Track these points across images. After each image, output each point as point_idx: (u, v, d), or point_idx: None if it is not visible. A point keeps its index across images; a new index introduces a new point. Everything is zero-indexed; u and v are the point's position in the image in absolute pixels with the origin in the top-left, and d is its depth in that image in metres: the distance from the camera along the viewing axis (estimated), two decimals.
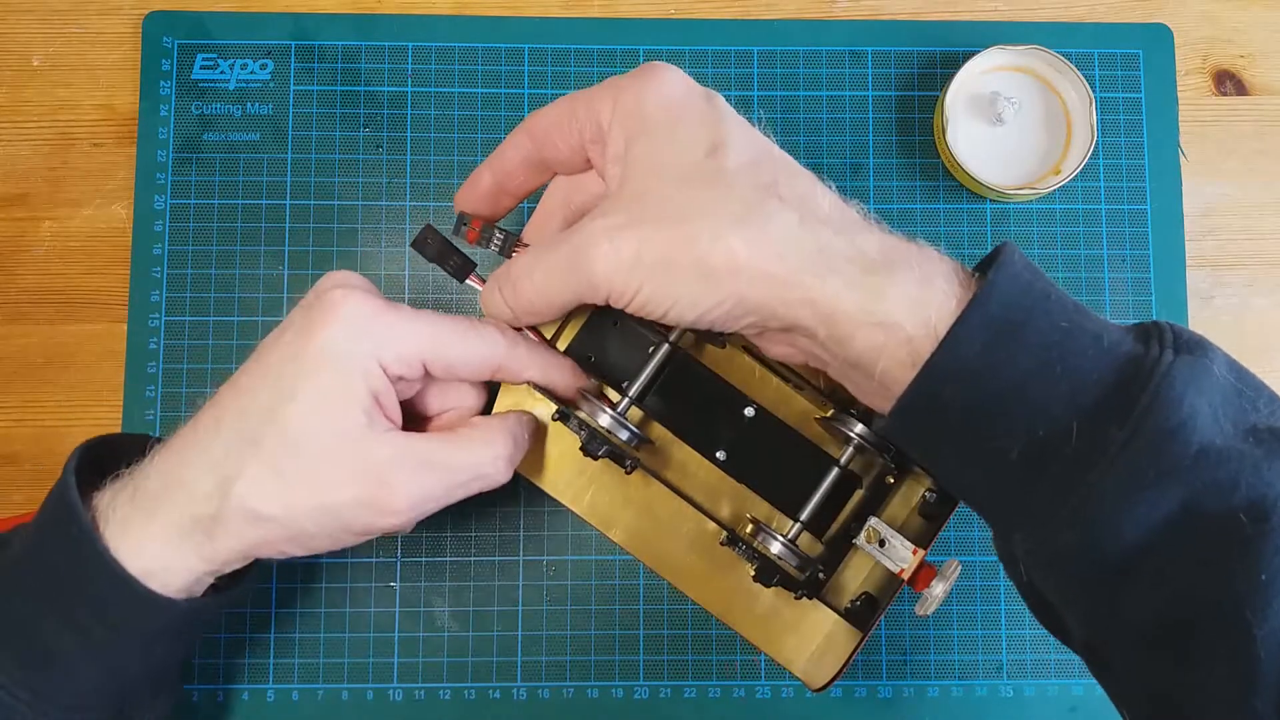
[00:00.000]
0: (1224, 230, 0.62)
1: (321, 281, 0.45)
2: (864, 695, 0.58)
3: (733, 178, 0.40)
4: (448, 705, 0.57)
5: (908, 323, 0.37)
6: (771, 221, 0.39)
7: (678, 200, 0.40)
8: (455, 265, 0.49)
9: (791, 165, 0.42)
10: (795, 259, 0.38)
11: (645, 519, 0.49)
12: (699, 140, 0.41)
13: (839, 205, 0.41)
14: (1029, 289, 0.37)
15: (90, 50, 0.62)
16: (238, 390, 0.43)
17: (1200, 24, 0.63)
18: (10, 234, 0.60)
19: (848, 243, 0.39)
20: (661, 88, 0.42)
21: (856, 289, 0.38)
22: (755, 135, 0.42)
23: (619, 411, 0.47)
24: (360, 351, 0.42)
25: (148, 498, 0.43)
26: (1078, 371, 0.36)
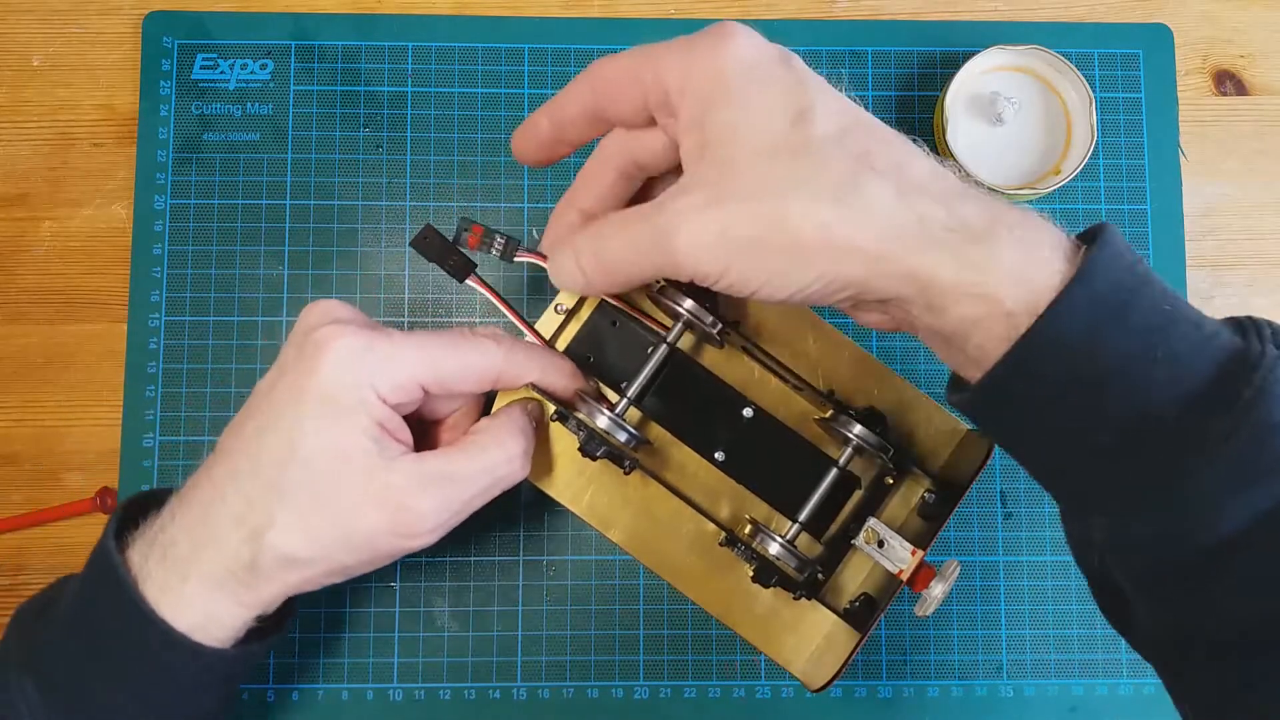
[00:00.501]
0: (1224, 230, 0.62)
1: (307, 315, 0.45)
2: (864, 695, 0.58)
3: (821, 148, 0.37)
4: (448, 705, 0.57)
5: (1008, 297, 0.36)
6: (866, 194, 0.37)
7: (764, 174, 0.38)
8: (455, 265, 0.49)
9: (883, 130, 0.39)
10: (893, 233, 0.36)
11: (644, 519, 0.49)
12: (783, 108, 0.38)
13: (936, 170, 0.39)
14: (1132, 270, 0.36)
15: (90, 50, 0.62)
16: (245, 439, 0.44)
17: (1200, 24, 0.63)
18: (10, 234, 0.60)
19: (948, 212, 0.37)
20: (737, 50, 0.40)
21: (957, 261, 0.36)
22: (841, 100, 0.40)
23: (617, 412, 0.47)
24: (357, 386, 0.43)
25: (180, 560, 0.43)
26: (1179, 358, 0.35)
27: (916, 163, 0.38)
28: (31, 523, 0.58)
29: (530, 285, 0.60)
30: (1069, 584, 0.59)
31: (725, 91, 0.39)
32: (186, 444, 0.58)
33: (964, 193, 0.38)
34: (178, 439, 0.58)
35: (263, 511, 0.42)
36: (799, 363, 0.50)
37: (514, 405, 0.48)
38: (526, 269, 0.60)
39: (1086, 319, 0.35)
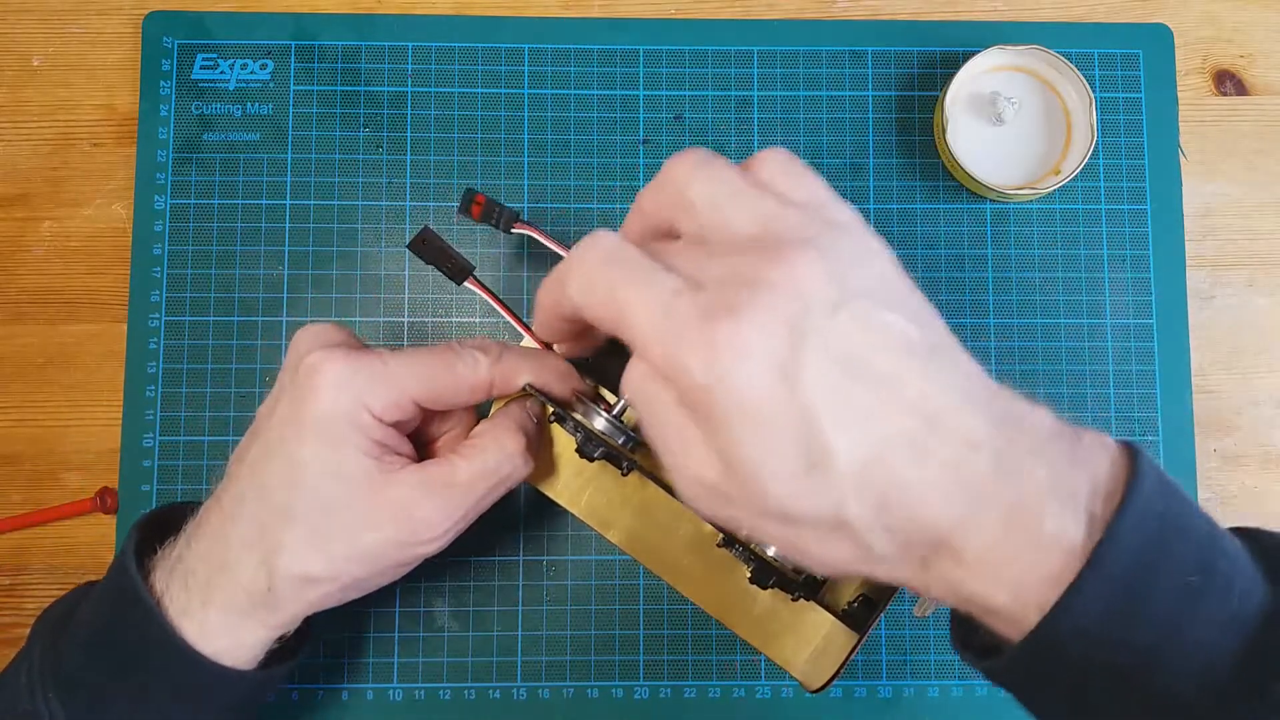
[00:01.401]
0: (1224, 230, 0.62)
1: (298, 340, 0.46)
2: (864, 695, 0.58)
3: (839, 498, 0.33)
4: (448, 705, 0.57)
5: (1017, 570, 0.33)
6: (874, 545, 0.34)
7: (769, 510, 0.34)
8: (453, 267, 0.49)
9: (906, 424, 0.33)
10: (890, 568, 0.35)
11: (642, 520, 0.49)
12: (793, 455, 0.33)
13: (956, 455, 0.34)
14: (1159, 530, 0.33)
15: (90, 50, 0.62)
16: (250, 466, 0.44)
17: (1200, 24, 0.63)
18: (10, 234, 0.60)
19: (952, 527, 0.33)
20: (740, 391, 0.33)
21: (949, 581, 0.34)
22: (854, 416, 0.33)
23: (615, 414, 0.47)
24: (351, 410, 0.43)
25: (200, 586, 0.44)
26: (1204, 643, 0.32)
27: (949, 444, 0.34)
28: (31, 523, 0.58)
29: (529, 286, 0.60)
30: None
31: (719, 423, 0.34)
32: (186, 444, 0.58)
33: (976, 477, 0.34)
34: (178, 439, 0.58)
35: (273, 536, 0.43)
36: None
37: (512, 405, 0.48)
38: (527, 269, 0.60)
39: (1100, 612, 0.32)
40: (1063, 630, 0.33)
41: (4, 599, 0.58)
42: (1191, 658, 0.32)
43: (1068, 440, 0.34)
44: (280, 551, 0.43)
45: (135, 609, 0.44)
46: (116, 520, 0.58)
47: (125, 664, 0.44)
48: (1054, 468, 0.33)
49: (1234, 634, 0.33)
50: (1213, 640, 0.32)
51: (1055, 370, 0.60)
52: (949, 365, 0.35)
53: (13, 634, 0.58)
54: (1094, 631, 0.32)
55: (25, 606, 0.58)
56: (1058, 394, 0.60)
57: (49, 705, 0.44)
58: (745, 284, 0.33)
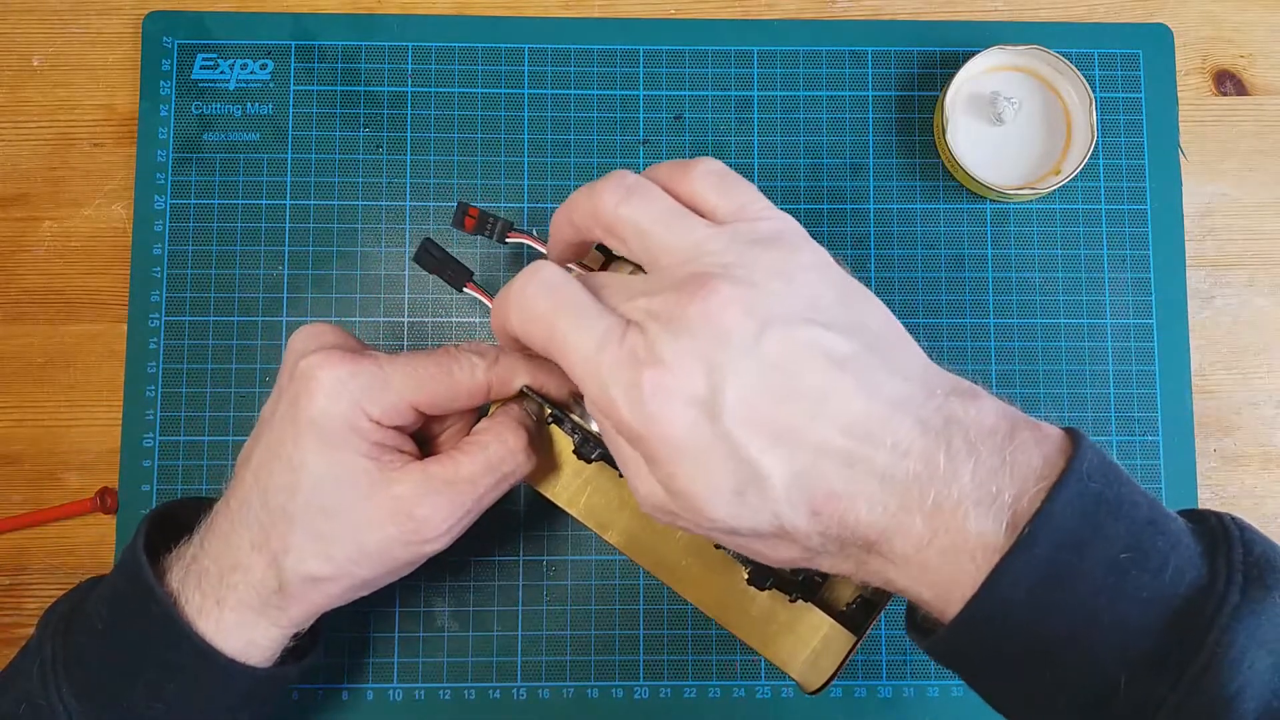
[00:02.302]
0: (1224, 230, 0.62)
1: (295, 341, 0.46)
2: (864, 695, 0.58)
3: (771, 519, 0.36)
4: (448, 705, 0.57)
5: (942, 571, 0.35)
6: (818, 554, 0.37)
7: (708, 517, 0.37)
8: (452, 275, 0.49)
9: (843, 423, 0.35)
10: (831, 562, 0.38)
11: (640, 521, 0.49)
12: (723, 485, 0.36)
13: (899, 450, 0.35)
14: (1093, 510, 0.34)
15: (90, 50, 0.62)
16: (253, 470, 0.45)
17: (1200, 24, 0.63)
18: (10, 234, 0.60)
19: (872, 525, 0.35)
20: (669, 429, 0.36)
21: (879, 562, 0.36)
22: (783, 450, 0.35)
23: None
24: (349, 414, 0.43)
25: (213, 585, 0.45)
26: (1129, 619, 0.33)
27: (878, 455, 0.35)
28: (31, 523, 0.58)
29: None
30: None
31: (651, 458, 0.37)
32: (186, 444, 0.58)
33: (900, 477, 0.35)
34: (178, 439, 0.58)
35: (278, 538, 0.44)
36: None
37: (511, 404, 0.48)
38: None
39: (1024, 591, 0.33)
40: (985, 614, 0.34)
41: (4, 599, 0.58)
42: (1116, 634, 0.33)
43: (1002, 436, 0.35)
44: (286, 553, 0.44)
45: (151, 607, 0.44)
46: (116, 520, 0.58)
47: (142, 660, 0.44)
48: (982, 468, 0.34)
49: (1160, 612, 0.33)
50: (1138, 616, 0.33)
51: (1055, 370, 0.60)
52: (881, 372, 0.36)
53: (13, 634, 0.58)
54: (1017, 612, 0.33)
55: (25, 606, 0.58)
56: (1058, 394, 0.60)
57: (63, 699, 0.44)
58: (666, 325, 0.36)
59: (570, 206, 0.42)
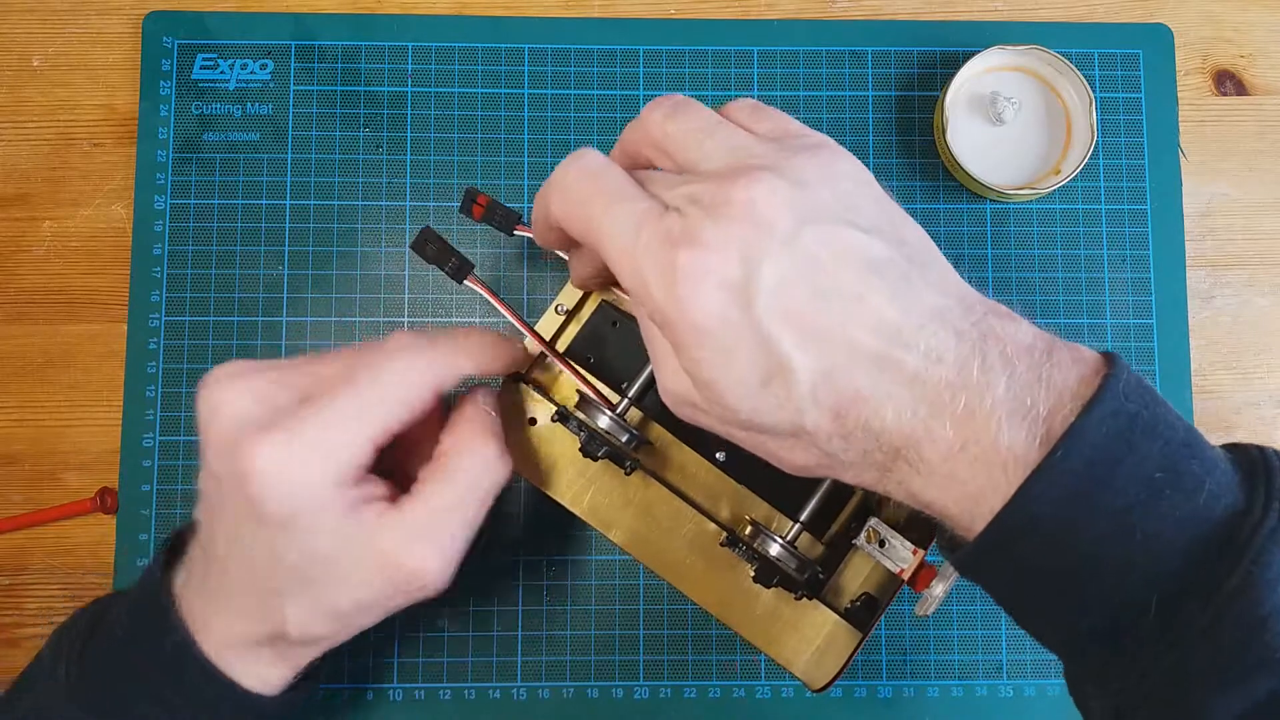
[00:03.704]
0: (1224, 230, 0.62)
1: (207, 416, 0.41)
2: (864, 695, 0.58)
3: (796, 410, 0.35)
4: (448, 705, 0.57)
5: (971, 483, 0.34)
6: (835, 452, 0.36)
7: (734, 410, 0.36)
8: (454, 267, 0.49)
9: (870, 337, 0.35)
10: (856, 469, 0.37)
11: (645, 520, 0.49)
12: (750, 375, 0.35)
13: (926, 357, 0.35)
14: (1128, 428, 0.33)
15: (90, 50, 0.62)
16: (227, 558, 0.42)
17: (1200, 24, 0.63)
18: (10, 234, 0.60)
19: (917, 424, 0.35)
20: (699, 310, 0.35)
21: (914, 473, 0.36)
22: (814, 334, 0.35)
23: (618, 413, 0.47)
24: (308, 497, 0.40)
25: (221, 622, 0.43)
26: (1161, 537, 0.32)
27: (909, 358, 0.35)
28: (31, 523, 0.58)
29: (529, 285, 0.60)
30: None
31: (681, 344, 0.36)
32: (186, 444, 0.58)
33: (940, 380, 0.35)
34: (178, 439, 0.58)
35: (275, 611, 0.42)
36: None
37: (466, 405, 0.46)
38: (527, 269, 0.60)
39: (1056, 503, 0.33)
40: (1016, 525, 0.33)
41: (4, 599, 0.58)
42: (1147, 552, 0.33)
43: (1040, 354, 0.35)
44: (286, 622, 0.42)
45: (163, 627, 0.43)
46: (116, 520, 0.58)
47: (156, 680, 0.43)
48: (1017, 382, 0.34)
49: (1193, 532, 0.33)
50: (1170, 536, 0.33)
51: None
52: (919, 282, 0.36)
53: (13, 634, 0.58)
54: (1047, 525, 0.33)
55: (25, 606, 0.58)
56: None
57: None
58: (707, 210, 0.35)
59: (622, 140, 0.41)
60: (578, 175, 0.38)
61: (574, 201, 0.38)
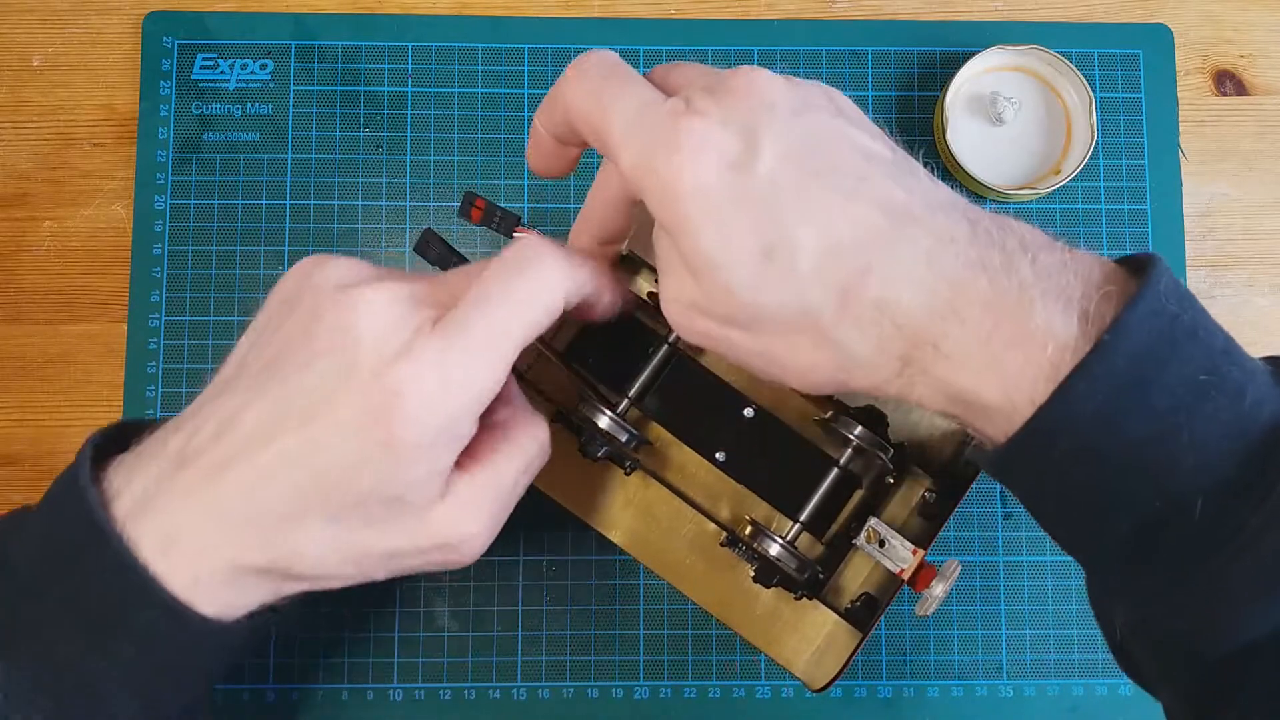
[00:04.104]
0: (1224, 230, 0.62)
1: (349, 328, 0.36)
2: (864, 695, 0.58)
3: (800, 289, 0.34)
4: (448, 705, 0.57)
5: (1010, 365, 0.33)
6: (846, 343, 0.34)
7: (738, 308, 0.35)
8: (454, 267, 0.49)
9: (876, 218, 0.34)
10: (878, 372, 0.35)
11: (645, 520, 0.49)
12: (750, 246, 0.34)
13: (939, 239, 0.34)
14: (1169, 329, 0.32)
15: (90, 50, 0.62)
16: (286, 451, 0.36)
17: (1200, 24, 0.63)
18: (10, 234, 0.60)
19: (947, 300, 0.33)
20: (695, 176, 0.34)
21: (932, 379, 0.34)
22: (817, 206, 0.34)
23: (618, 412, 0.47)
24: (452, 428, 0.37)
25: (197, 541, 0.37)
26: (1208, 440, 0.31)
27: (922, 236, 0.34)
28: None
29: None
30: (1069, 584, 0.59)
31: (681, 222, 0.34)
32: None
33: (968, 257, 0.33)
34: None
35: (291, 538, 0.37)
36: None
37: (514, 381, 0.43)
38: None
39: (1103, 394, 0.31)
40: (1059, 419, 0.32)
41: None
42: (1193, 454, 0.32)
43: (1059, 249, 0.34)
44: (299, 554, 0.37)
45: (102, 553, 0.36)
46: None
47: (89, 616, 0.37)
48: (1041, 265, 0.33)
49: (1240, 436, 0.32)
50: (1217, 438, 0.32)
51: None
52: (924, 179, 0.36)
53: None
54: (1092, 420, 0.32)
55: None
56: None
57: None
58: (709, 91, 0.35)
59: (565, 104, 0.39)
60: (593, 65, 0.38)
61: (587, 89, 0.37)
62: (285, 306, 0.39)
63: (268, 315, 0.40)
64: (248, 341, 0.40)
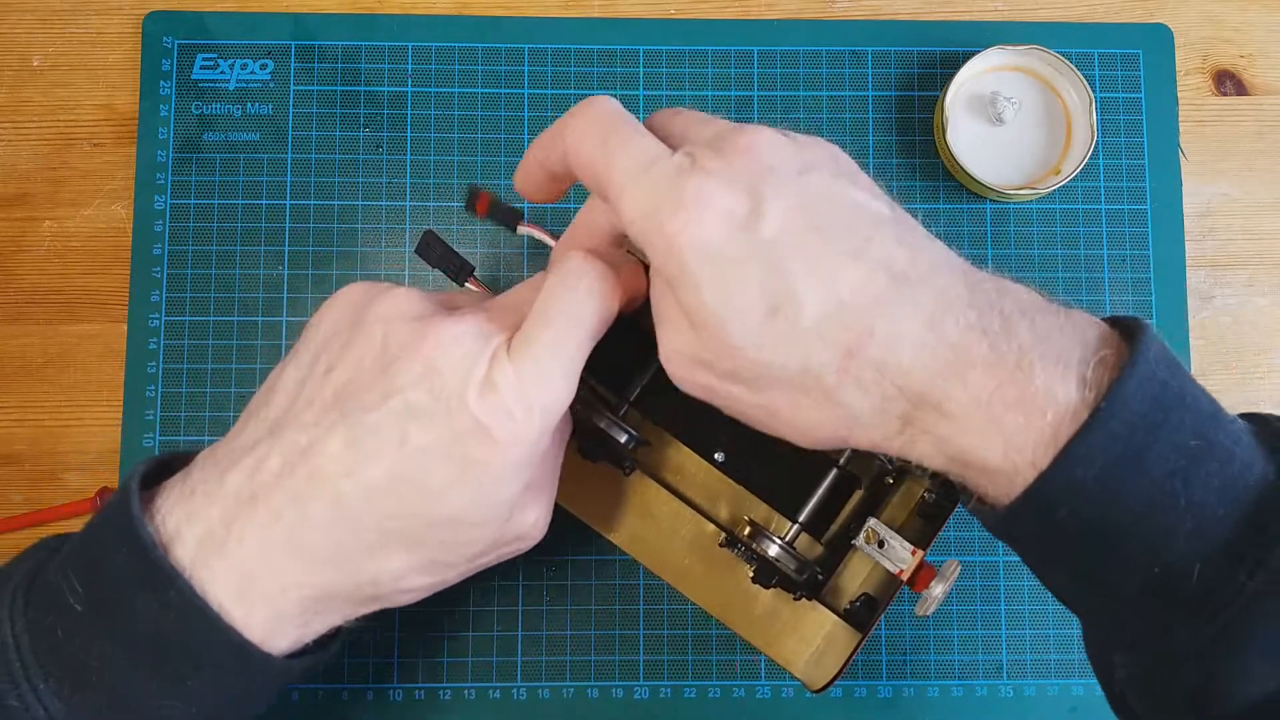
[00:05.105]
0: (1224, 230, 0.62)
1: (434, 357, 0.37)
2: (864, 695, 0.58)
3: (804, 345, 0.34)
4: (448, 705, 0.57)
5: (1009, 427, 0.33)
6: (848, 400, 0.35)
7: (741, 360, 0.35)
8: (455, 268, 0.49)
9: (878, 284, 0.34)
10: (877, 428, 0.35)
11: (644, 521, 0.49)
12: (755, 302, 0.34)
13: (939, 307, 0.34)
14: (1161, 395, 0.33)
15: (90, 50, 0.62)
16: (372, 492, 0.37)
17: (1200, 24, 0.63)
18: (10, 234, 0.60)
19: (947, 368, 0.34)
20: (700, 232, 0.34)
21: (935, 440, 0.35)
22: (827, 269, 0.34)
23: (617, 414, 0.47)
24: (536, 451, 0.38)
25: (272, 575, 0.37)
26: (1204, 504, 0.32)
27: (924, 299, 0.34)
28: (31, 523, 0.58)
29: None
30: None
31: (686, 276, 0.35)
32: (186, 444, 0.58)
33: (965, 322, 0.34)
34: (178, 439, 0.58)
35: (373, 559, 0.38)
36: None
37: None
38: (527, 269, 0.60)
39: (1102, 462, 0.32)
40: (1061, 486, 0.33)
41: None
42: (1190, 519, 0.32)
43: (1055, 312, 0.35)
44: (381, 572, 0.38)
45: (164, 590, 0.35)
46: None
47: (151, 651, 0.36)
48: (1040, 330, 0.34)
49: (1233, 501, 0.32)
50: (1212, 504, 0.32)
51: None
52: (924, 239, 0.36)
53: None
54: (1092, 487, 0.32)
55: None
56: None
57: (40, 697, 0.35)
58: (714, 150, 0.35)
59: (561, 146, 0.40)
60: (598, 113, 0.38)
61: (592, 136, 0.37)
62: (344, 337, 0.39)
63: (320, 345, 0.40)
64: (296, 374, 0.39)
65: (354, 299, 0.40)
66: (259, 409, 0.39)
